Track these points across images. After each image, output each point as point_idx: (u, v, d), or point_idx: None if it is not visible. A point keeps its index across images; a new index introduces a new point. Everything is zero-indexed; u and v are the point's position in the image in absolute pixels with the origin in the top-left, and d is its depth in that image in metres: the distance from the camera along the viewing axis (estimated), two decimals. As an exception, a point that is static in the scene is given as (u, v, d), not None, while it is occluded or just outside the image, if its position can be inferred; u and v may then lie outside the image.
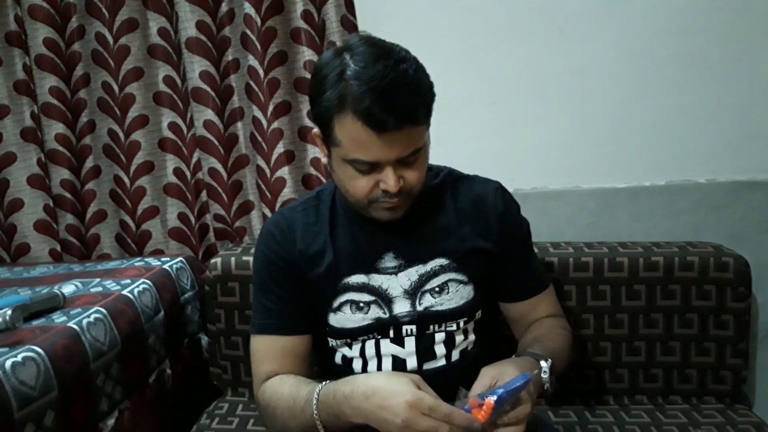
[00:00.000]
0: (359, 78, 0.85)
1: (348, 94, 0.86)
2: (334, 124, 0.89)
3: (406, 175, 0.92)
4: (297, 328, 1.04)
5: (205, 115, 1.56)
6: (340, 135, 0.89)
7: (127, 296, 1.27)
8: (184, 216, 1.66)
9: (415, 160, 0.92)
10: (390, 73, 0.85)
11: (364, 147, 0.88)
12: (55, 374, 1.00)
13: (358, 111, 0.85)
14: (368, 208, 0.96)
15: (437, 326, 1.02)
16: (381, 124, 0.85)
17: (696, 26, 1.43)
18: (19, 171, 1.64)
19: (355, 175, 0.92)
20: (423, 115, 0.90)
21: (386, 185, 0.91)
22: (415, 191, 0.95)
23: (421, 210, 1.03)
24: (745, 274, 1.32)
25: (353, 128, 0.87)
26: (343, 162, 0.92)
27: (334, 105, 0.87)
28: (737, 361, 1.35)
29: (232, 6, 1.52)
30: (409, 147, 0.90)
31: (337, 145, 0.91)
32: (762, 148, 1.47)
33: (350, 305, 1.02)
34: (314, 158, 1.57)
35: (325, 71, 0.89)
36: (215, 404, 1.39)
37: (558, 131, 1.50)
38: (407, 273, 1.02)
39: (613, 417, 1.30)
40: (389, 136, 0.87)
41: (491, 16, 1.47)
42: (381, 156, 0.89)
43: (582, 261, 1.35)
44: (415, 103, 0.88)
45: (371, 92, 0.84)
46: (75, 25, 1.58)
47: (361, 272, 1.02)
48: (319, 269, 1.03)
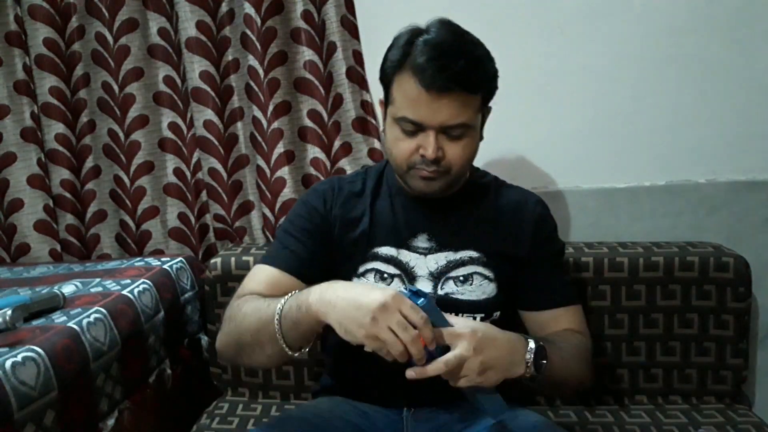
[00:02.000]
0: (425, 42, 0.93)
1: (411, 53, 0.93)
2: (393, 81, 0.96)
3: (447, 149, 0.95)
4: (303, 275, 1.03)
5: (205, 115, 1.56)
6: (396, 92, 0.96)
7: (127, 296, 1.27)
8: (184, 216, 1.66)
9: (460, 136, 0.95)
10: (455, 44, 0.93)
11: (413, 105, 0.93)
12: (55, 374, 1.00)
13: (413, 66, 0.91)
14: (407, 175, 1.00)
15: (454, 315, 1.00)
16: (431, 80, 0.89)
17: (696, 26, 1.43)
18: (19, 171, 1.63)
19: (400, 136, 0.97)
20: (475, 84, 0.93)
21: (425, 150, 0.94)
22: (454, 170, 0.98)
23: (463, 200, 1.08)
24: (745, 274, 1.32)
25: (407, 84, 0.93)
26: (392, 122, 0.97)
27: (397, 62, 0.95)
28: (737, 361, 1.35)
29: (232, 6, 1.52)
30: (455, 116, 0.93)
31: (391, 103, 0.97)
32: (762, 148, 1.47)
33: (375, 273, 1.05)
34: (314, 158, 1.57)
35: (399, 37, 0.97)
36: (215, 404, 1.39)
37: (558, 131, 1.50)
38: (436, 257, 1.05)
39: (613, 417, 1.30)
40: (438, 97, 0.90)
41: (491, 16, 1.46)
42: (426, 117, 0.93)
43: (582, 261, 1.35)
44: (468, 72, 0.91)
45: (431, 50, 0.91)
46: (75, 25, 1.58)
47: (392, 245, 1.06)
48: (353, 233, 1.07)
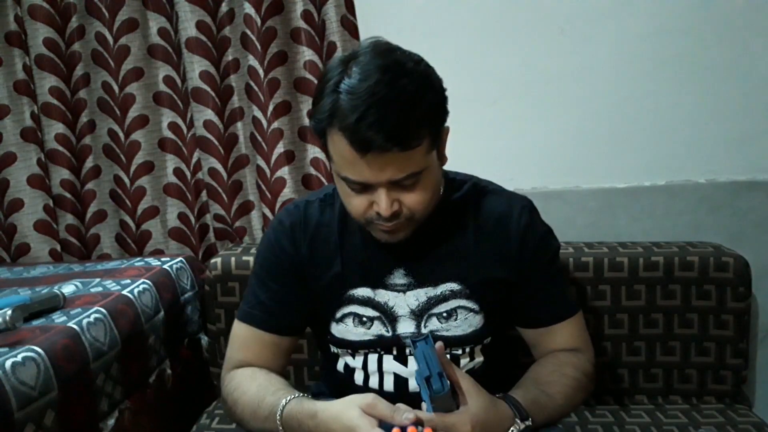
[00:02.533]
0: (351, 92, 0.79)
1: (338, 108, 0.80)
2: (327, 137, 0.85)
3: (404, 199, 0.86)
4: (283, 329, 1.02)
5: (205, 115, 1.56)
6: (332, 150, 0.85)
7: (127, 296, 1.26)
8: (184, 216, 1.66)
9: (414, 183, 0.85)
10: (383, 89, 0.78)
11: (351, 166, 0.82)
12: (55, 374, 1.00)
13: (343, 127, 0.80)
14: (367, 227, 0.91)
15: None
16: (364, 143, 0.79)
17: (696, 26, 1.43)
18: (19, 171, 1.64)
19: (349, 192, 0.87)
20: (417, 136, 0.81)
21: (378, 208, 0.85)
22: (417, 216, 0.89)
23: (438, 227, 0.97)
24: (745, 274, 1.32)
25: (340, 145, 0.82)
26: (338, 178, 0.88)
27: (326, 118, 0.82)
28: (737, 361, 1.35)
29: (232, 6, 1.52)
30: (401, 171, 0.82)
31: (331, 160, 0.87)
32: (762, 148, 1.47)
33: (353, 318, 0.98)
34: (314, 158, 1.57)
35: (326, 78, 0.84)
36: (215, 404, 1.39)
37: (558, 131, 1.50)
38: (416, 293, 0.97)
39: (613, 417, 1.30)
40: (376, 158, 0.80)
41: (491, 16, 1.47)
42: (369, 177, 0.83)
43: (582, 261, 1.35)
44: (406, 123, 0.79)
45: (358, 108, 0.78)
46: (75, 25, 1.58)
47: (367, 285, 0.98)
48: (324, 277, 0.99)
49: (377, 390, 1.00)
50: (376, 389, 1.00)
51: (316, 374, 1.39)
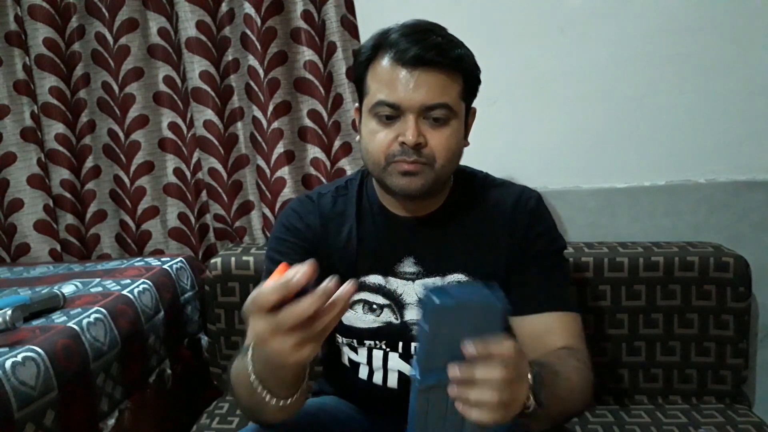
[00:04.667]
0: (401, 25, 0.91)
1: (386, 37, 0.91)
2: (367, 71, 0.92)
3: (430, 137, 0.89)
4: None
5: (205, 115, 1.56)
6: (370, 80, 0.92)
7: (127, 296, 1.27)
8: (184, 216, 1.66)
9: (442, 122, 0.89)
10: (431, 24, 0.91)
11: (389, 85, 0.88)
12: (55, 374, 1.00)
13: (388, 44, 0.89)
14: (385, 173, 0.91)
15: None
16: (406, 52, 0.87)
17: (696, 26, 1.43)
18: (19, 171, 1.64)
19: (376, 128, 0.91)
20: (454, 59, 0.89)
21: (404, 137, 0.87)
22: (438, 163, 0.90)
23: (448, 217, 1.00)
24: (745, 274, 1.32)
25: (381, 66, 0.90)
26: (368, 116, 0.92)
27: (370, 52, 0.92)
28: (737, 361, 1.35)
29: (232, 6, 1.52)
30: (435, 95, 0.87)
31: (366, 95, 0.93)
32: (762, 148, 1.47)
33: (363, 305, 1.00)
34: (314, 158, 1.57)
35: (370, 38, 0.94)
36: (215, 404, 1.39)
37: (558, 131, 1.50)
38: (424, 282, 0.99)
39: (613, 417, 1.30)
40: (415, 72, 0.87)
41: (491, 16, 1.47)
42: (404, 97, 0.87)
43: (582, 261, 1.35)
44: (445, 45, 0.89)
45: (405, 29, 0.90)
46: (75, 25, 1.58)
47: (378, 273, 1.00)
48: (337, 264, 0.99)
49: (381, 386, 1.02)
50: (380, 385, 1.02)
51: (317, 374, 1.39)
